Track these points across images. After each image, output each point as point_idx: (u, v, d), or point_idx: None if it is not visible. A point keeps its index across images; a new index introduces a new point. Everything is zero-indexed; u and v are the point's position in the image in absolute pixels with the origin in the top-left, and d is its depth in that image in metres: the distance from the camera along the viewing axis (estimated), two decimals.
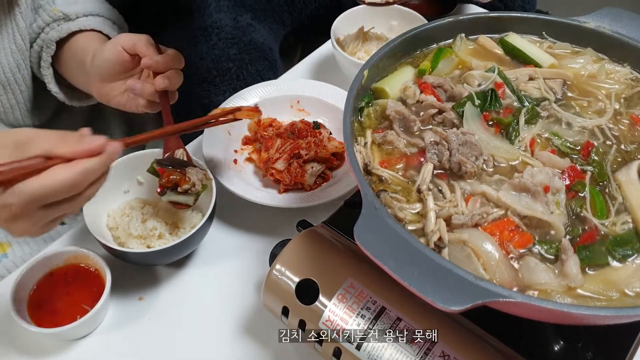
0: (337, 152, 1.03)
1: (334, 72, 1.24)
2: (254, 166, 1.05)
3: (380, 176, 0.72)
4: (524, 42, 0.88)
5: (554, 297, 0.61)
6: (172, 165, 0.88)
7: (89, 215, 0.87)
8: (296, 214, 0.97)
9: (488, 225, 0.66)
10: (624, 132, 0.78)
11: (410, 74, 0.85)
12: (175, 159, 0.90)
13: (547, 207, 0.67)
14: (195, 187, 0.87)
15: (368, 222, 0.60)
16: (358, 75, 0.77)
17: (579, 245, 0.65)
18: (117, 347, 0.84)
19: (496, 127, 0.77)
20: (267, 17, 1.49)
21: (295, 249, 0.75)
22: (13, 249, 1.00)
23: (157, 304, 0.89)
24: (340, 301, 0.70)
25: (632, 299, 0.61)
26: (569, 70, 0.85)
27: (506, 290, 0.55)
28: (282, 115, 1.11)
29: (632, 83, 0.84)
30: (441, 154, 0.73)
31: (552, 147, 0.75)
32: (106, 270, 0.83)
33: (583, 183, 0.70)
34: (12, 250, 0.99)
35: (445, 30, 0.89)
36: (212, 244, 0.96)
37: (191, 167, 0.88)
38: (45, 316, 0.81)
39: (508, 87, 0.82)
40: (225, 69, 1.32)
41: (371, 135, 0.77)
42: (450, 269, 0.56)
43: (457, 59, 0.87)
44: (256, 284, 0.90)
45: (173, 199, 0.87)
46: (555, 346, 0.68)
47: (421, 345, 0.66)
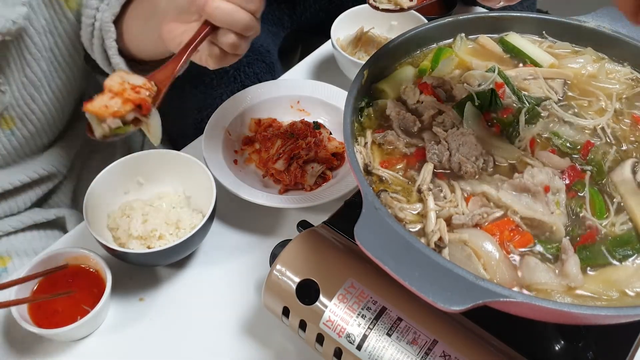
0: (337, 152, 1.03)
1: (334, 72, 1.24)
2: (254, 166, 1.05)
3: (381, 176, 0.72)
4: (524, 41, 0.88)
5: (555, 297, 0.61)
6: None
7: (90, 216, 0.87)
8: (296, 214, 0.98)
9: (488, 225, 0.66)
10: (625, 131, 0.78)
11: (410, 74, 0.85)
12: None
13: (548, 207, 0.67)
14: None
15: (368, 222, 0.60)
16: (358, 75, 0.77)
17: (579, 245, 0.65)
18: (117, 347, 0.84)
19: (496, 127, 0.77)
20: (266, 19, 1.49)
21: (295, 249, 0.75)
22: (13, 262, 1.00)
23: (157, 304, 0.89)
24: (340, 301, 0.70)
25: (632, 298, 0.61)
26: (569, 70, 0.85)
27: (507, 290, 0.55)
28: (282, 115, 1.11)
29: (632, 83, 0.84)
30: (441, 154, 0.73)
31: (552, 147, 0.75)
32: (107, 271, 0.83)
33: (583, 183, 0.71)
34: (12, 263, 1.00)
35: (445, 30, 0.89)
36: (212, 244, 0.96)
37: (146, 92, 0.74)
38: (46, 317, 0.81)
39: (508, 87, 0.82)
40: (222, 71, 1.32)
41: (371, 135, 0.77)
42: (451, 269, 0.56)
43: (457, 58, 0.87)
44: (257, 285, 0.90)
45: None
46: (556, 346, 0.68)
47: (422, 345, 0.66)
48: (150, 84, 0.73)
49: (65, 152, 1.12)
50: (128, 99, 0.70)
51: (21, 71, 0.96)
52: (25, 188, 1.06)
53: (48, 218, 1.08)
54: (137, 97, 0.71)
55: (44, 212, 1.08)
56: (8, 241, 1.02)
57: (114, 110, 0.69)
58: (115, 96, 0.70)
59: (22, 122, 1.00)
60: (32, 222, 1.05)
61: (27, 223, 1.04)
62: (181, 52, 0.75)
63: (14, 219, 1.04)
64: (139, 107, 0.71)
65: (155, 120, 0.73)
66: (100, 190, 0.91)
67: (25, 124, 1.01)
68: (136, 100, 0.70)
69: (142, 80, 0.73)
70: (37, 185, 1.08)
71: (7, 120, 0.98)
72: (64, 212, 1.10)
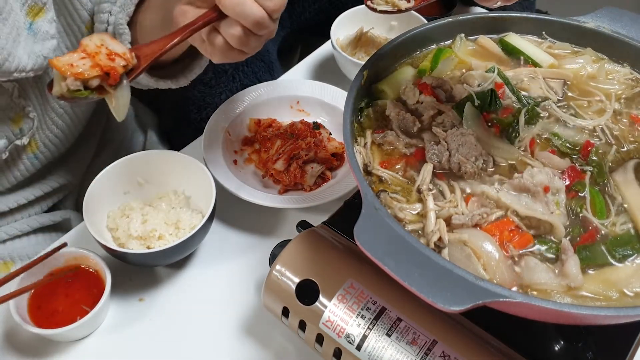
0: (336, 152, 1.03)
1: (334, 73, 1.24)
2: (253, 167, 1.05)
3: (380, 176, 0.72)
4: (524, 42, 0.88)
5: (554, 297, 0.61)
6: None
7: (89, 216, 0.87)
8: (296, 214, 0.98)
9: (488, 226, 0.66)
10: (624, 132, 0.78)
11: (410, 74, 0.85)
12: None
13: (547, 207, 0.67)
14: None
15: (368, 222, 0.60)
16: (358, 75, 0.77)
17: (579, 246, 0.65)
18: (117, 348, 0.84)
19: (496, 128, 0.77)
20: None
21: (295, 250, 0.75)
22: (16, 267, 1.00)
23: (157, 304, 0.88)
24: (340, 302, 0.70)
25: (631, 299, 0.61)
26: (569, 71, 0.85)
27: (506, 290, 0.55)
28: (281, 115, 1.11)
29: (632, 83, 0.84)
30: (441, 154, 0.73)
31: (552, 147, 0.75)
32: (106, 271, 0.83)
33: (583, 183, 0.71)
34: (15, 268, 0.99)
35: (445, 30, 0.89)
36: (212, 244, 0.96)
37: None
38: (46, 317, 0.81)
39: (508, 88, 0.82)
40: (221, 71, 1.32)
41: (371, 135, 0.77)
42: (451, 269, 0.56)
43: (457, 59, 0.87)
44: (256, 285, 0.90)
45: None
46: (556, 346, 0.68)
47: (421, 345, 0.66)
48: (130, 55, 0.68)
49: (78, 165, 1.14)
50: (98, 63, 0.65)
51: (45, 98, 0.97)
52: (39, 200, 1.07)
53: (55, 220, 1.08)
54: (107, 64, 0.66)
55: (51, 215, 1.08)
56: (12, 245, 1.03)
57: (77, 72, 0.64)
58: (87, 57, 0.65)
59: (45, 146, 1.01)
60: (38, 224, 1.05)
61: (34, 226, 1.05)
62: (178, 31, 0.70)
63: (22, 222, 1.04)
64: (107, 76, 0.66)
65: (122, 94, 0.68)
66: (100, 190, 0.91)
67: (48, 147, 1.02)
68: (105, 67, 0.65)
69: (123, 49, 0.68)
70: (49, 197, 1.09)
71: (32, 144, 0.99)
72: (69, 214, 1.12)
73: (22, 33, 0.85)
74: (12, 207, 1.02)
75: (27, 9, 0.86)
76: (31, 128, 0.96)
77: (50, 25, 0.89)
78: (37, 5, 0.87)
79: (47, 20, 0.88)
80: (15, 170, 0.99)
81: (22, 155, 0.99)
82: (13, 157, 0.98)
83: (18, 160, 0.99)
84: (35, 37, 0.87)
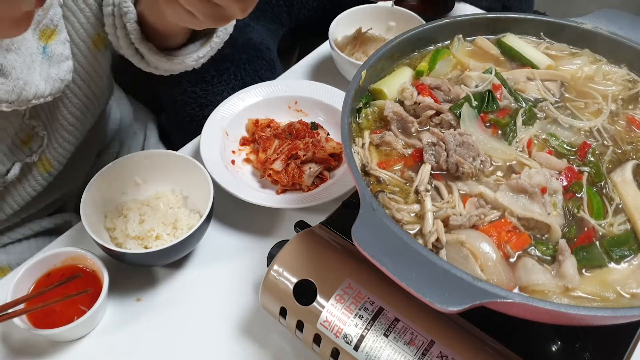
0: (335, 152, 1.03)
1: (332, 73, 1.24)
2: (251, 167, 1.05)
3: (378, 177, 0.72)
4: (522, 43, 0.89)
5: (551, 298, 0.61)
6: None
7: (87, 216, 0.87)
8: (294, 214, 0.98)
9: (486, 226, 0.66)
10: (621, 133, 0.78)
11: (408, 75, 0.85)
12: None
13: (545, 208, 0.67)
14: None
15: (366, 223, 0.60)
16: (356, 76, 0.77)
17: (576, 247, 0.65)
18: (115, 348, 0.84)
19: (493, 128, 0.78)
20: (265, 17, 1.49)
21: (293, 250, 0.75)
22: (12, 272, 1.00)
23: (155, 305, 0.88)
24: (338, 302, 0.70)
25: (628, 299, 0.61)
26: (566, 72, 0.86)
27: (504, 291, 0.55)
28: (280, 115, 1.11)
29: (628, 84, 0.84)
30: (439, 155, 0.73)
31: (549, 148, 0.76)
32: (104, 271, 0.83)
33: (580, 184, 0.71)
34: (11, 273, 0.99)
35: (443, 31, 0.89)
36: (209, 244, 0.96)
37: None
38: (43, 317, 0.81)
39: (505, 89, 0.82)
40: (222, 69, 1.32)
41: (369, 136, 0.77)
42: (448, 270, 0.56)
43: (455, 60, 0.88)
44: (254, 285, 0.90)
45: None
46: (553, 347, 0.68)
47: (419, 345, 0.66)
48: None
49: (81, 170, 1.14)
50: None
51: (54, 115, 0.96)
52: (44, 209, 1.08)
53: (56, 223, 1.09)
54: None
55: (52, 219, 1.09)
56: (13, 248, 1.03)
57: None
58: None
59: (59, 163, 1.01)
60: (40, 228, 1.05)
61: (36, 230, 1.05)
62: None
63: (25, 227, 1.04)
64: None
65: None
66: (97, 190, 0.91)
67: (61, 163, 1.02)
68: None
69: None
70: (52, 206, 1.10)
71: (45, 162, 0.99)
72: (71, 216, 1.12)
73: (36, 59, 0.83)
74: (23, 217, 1.03)
75: (39, 33, 0.84)
76: (40, 145, 0.96)
77: (64, 46, 0.88)
78: (48, 28, 0.85)
79: (60, 42, 0.87)
80: (27, 187, 0.99)
81: (33, 172, 0.98)
82: (24, 173, 0.97)
83: (29, 175, 0.98)
84: (51, 61, 0.86)
